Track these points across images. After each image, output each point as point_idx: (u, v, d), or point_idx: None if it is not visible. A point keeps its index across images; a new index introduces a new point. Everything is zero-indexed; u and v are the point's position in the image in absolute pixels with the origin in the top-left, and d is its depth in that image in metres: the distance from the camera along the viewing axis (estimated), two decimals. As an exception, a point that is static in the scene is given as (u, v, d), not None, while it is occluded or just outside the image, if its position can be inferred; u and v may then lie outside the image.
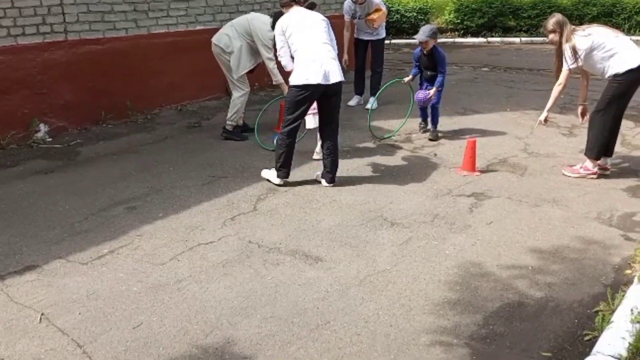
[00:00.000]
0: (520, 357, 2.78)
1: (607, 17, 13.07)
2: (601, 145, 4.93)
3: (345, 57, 7.44)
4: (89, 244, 3.93)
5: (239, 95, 6.15)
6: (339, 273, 3.53)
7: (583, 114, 5.24)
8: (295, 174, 5.19)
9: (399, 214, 4.33)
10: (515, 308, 3.17)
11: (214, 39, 6.19)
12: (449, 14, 13.99)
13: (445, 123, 6.79)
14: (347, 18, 7.45)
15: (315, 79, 4.57)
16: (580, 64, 4.81)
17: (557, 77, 5.04)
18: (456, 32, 13.92)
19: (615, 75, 4.74)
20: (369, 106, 7.50)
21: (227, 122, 6.24)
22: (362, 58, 7.68)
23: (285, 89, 5.66)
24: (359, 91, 7.83)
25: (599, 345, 2.70)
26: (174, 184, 5.00)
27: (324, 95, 4.72)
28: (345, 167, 5.37)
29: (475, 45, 12.95)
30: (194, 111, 7.52)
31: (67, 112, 6.51)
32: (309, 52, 4.66)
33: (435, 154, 5.66)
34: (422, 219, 4.26)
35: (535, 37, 13.10)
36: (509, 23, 13.67)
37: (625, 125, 6.56)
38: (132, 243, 3.94)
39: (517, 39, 13.11)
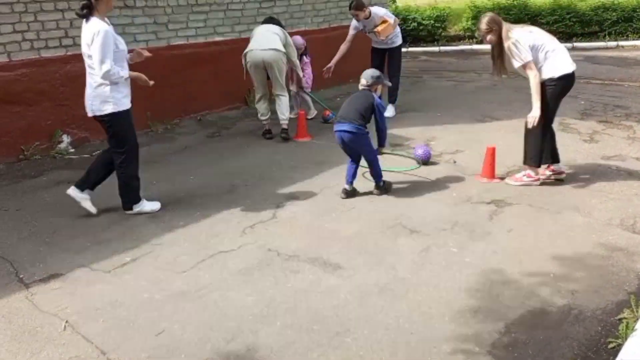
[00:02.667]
0: (544, 365, 2.75)
1: (627, 22, 12.96)
2: (541, 151, 4.83)
3: (330, 65, 7.39)
4: (111, 253, 3.98)
5: (287, 96, 6.67)
6: (359, 281, 3.53)
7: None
8: (313, 182, 5.21)
9: (418, 222, 4.32)
10: (538, 316, 3.14)
11: (273, 46, 6.32)
12: (467, 21, 13.96)
13: (465, 130, 6.77)
14: (352, 32, 7.43)
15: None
16: (530, 58, 4.60)
17: (498, 75, 4.94)
18: (474, 39, 13.88)
19: (550, 80, 4.67)
20: (387, 114, 7.51)
21: (285, 122, 6.61)
22: (378, 66, 7.66)
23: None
24: None
25: (624, 353, 2.66)
26: (194, 193, 5.05)
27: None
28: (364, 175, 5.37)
29: (493, 52, 12.88)
30: (213, 121, 7.60)
31: (89, 123, 6.57)
32: None
33: (455, 161, 5.64)
34: (442, 226, 4.24)
35: (554, 43, 13.01)
36: (527, 29, 13.58)
37: (648, 130, 6.49)
38: (154, 251, 3.99)
39: (535, 45, 13.01)
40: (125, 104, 4.38)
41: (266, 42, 6.33)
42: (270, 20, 6.79)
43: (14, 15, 5.94)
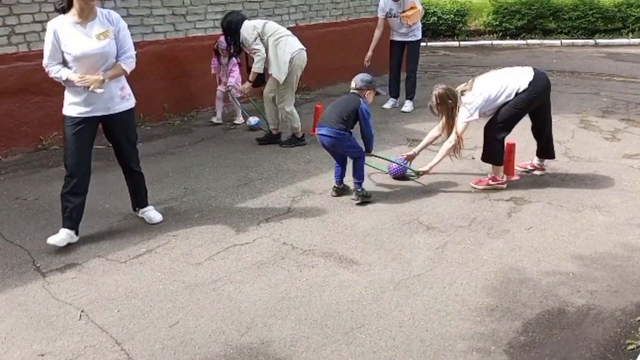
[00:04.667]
0: (561, 366, 2.70)
1: (651, 18, 12.71)
2: (501, 150, 4.75)
3: (369, 54, 7.42)
4: (127, 243, 3.99)
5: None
6: (374, 276, 3.50)
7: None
8: (329, 176, 5.17)
9: (435, 218, 4.28)
10: (556, 315, 3.08)
11: (303, 48, 5.96)
12: (487, 16, 13.80)
13: (483, 126, 6.67)
14: (380, 15, 7.39)
15: None
16: (476, 117, 4.63)
17: (448, 132, 4.80)
18: (494, 34, 13.73)
19: (523, 90, 4.61)
20: (404, 109, 7.46)
21: (297, 131, 6.14)
22: (397, 60, 7.58)
23: None
24: (394, 94, 7.75)
25: (644, 356, 2.61)
26: (210, 185, 5.05)
27: None
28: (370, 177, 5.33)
29: (514, 48, 12.74)
30: (230, 113, 7.58)
31: (107, 114, 6.65)
32: None
33: (473, 157, 5.57)
34: (459, 223, 4.19)
35: (576, 39, 12.80)
36: (549, 25, 13.38)
37: (672, 129, 6.36)
38: (169, 243, 3.99)
39: (557, 41, 12.83)
40: (68, 109, 3.92)
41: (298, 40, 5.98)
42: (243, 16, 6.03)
43: (33, 5, 5.97)
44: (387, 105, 7.69)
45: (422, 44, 13.13)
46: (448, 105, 4.66)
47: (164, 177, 5.30)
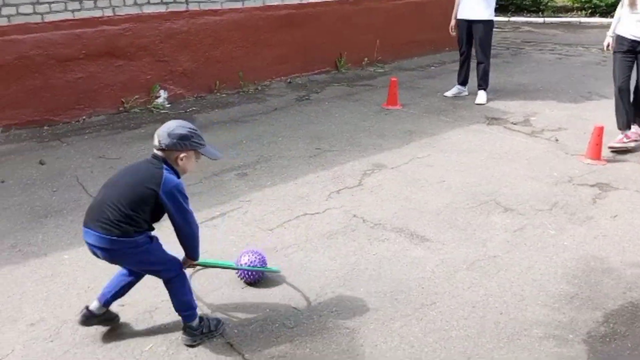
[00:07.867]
0: (646, 361, 2.55)
1: None
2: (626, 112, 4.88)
3: (452, 23, 6.62)
4: (202, 206, 4.07)
5: None
6: (446, 255, 3.42)
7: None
8: (401, 151, 5.08)
9: (513, 200, 4.11)
10: (641, 309, 2.91)
11: None
12: (576, -8, 13.06)
13: (569, 107, 6.36)
14: None
15: None
16: None
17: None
18: (583, 12, 12.97)
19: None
20: (477, 101, 6.55)
21: None
22: (464, 42, 6.59)
23: None
24: (461, 80, 6.83)
25: None
26: (282, 154, 5.07)
27: None
28: (456, 147, 5.18)
29: (603, 26, 11.97)
30: (303, 84, 7.58)
31: (185, 79, 6.79)
32: None
33: (557, 139, 5.31)
34: (540, 206, 4.01)
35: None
36: (643, 3, 12.47)
37: None
38: (242, 207, 4.05)
39: (651, 21, 11.96)
40: None
41: None
42: None
43: (121, -30, 6.13)
44: (449, 94, 6.83)
45: (504, 18, 12.64)
46: None
47: (238, 144, 5.36)
